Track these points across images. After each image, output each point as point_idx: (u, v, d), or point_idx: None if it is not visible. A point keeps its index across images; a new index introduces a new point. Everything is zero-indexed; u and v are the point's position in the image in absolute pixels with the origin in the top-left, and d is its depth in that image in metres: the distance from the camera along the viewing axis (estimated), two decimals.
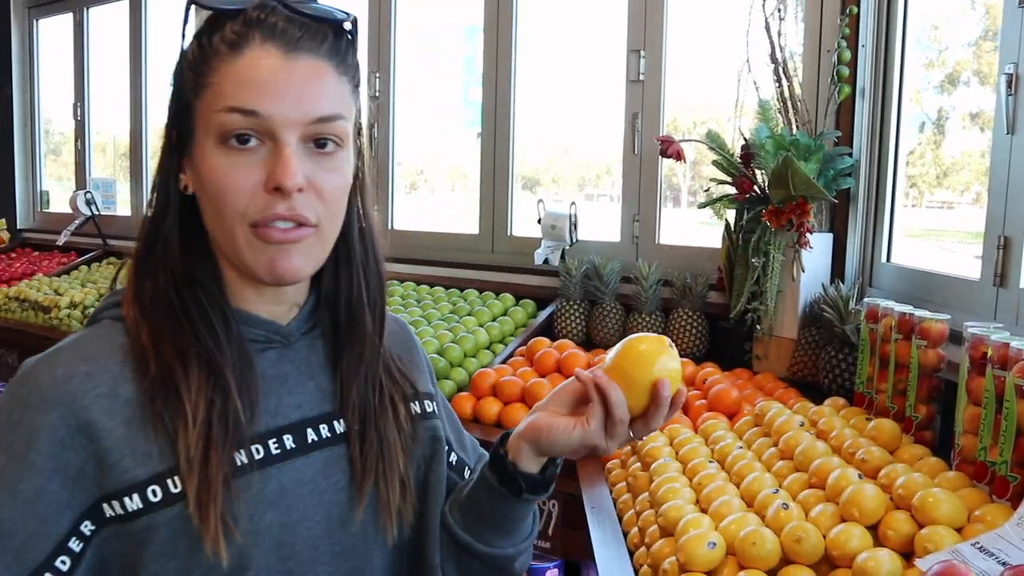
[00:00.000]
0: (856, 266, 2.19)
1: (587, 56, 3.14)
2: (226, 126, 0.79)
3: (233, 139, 0.79)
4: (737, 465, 1.48)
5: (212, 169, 0.80)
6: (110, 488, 0.77)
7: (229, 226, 0.81)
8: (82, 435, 0.77)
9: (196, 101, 0.82)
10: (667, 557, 1.28)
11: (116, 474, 0.77)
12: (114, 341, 0.83)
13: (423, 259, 3.16)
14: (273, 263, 0.82)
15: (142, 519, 0.78)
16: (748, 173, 2.16)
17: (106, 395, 0.79)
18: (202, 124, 0.81)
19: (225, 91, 0.79)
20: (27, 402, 0.78)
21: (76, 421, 0.77)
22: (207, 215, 0.84)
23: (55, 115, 5.06)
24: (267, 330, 0.90)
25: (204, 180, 0.81)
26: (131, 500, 0.78)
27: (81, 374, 0.79)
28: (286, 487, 0.85)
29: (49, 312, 3.46)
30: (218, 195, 0.80)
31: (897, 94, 2.13)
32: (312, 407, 0.90)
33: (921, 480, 1.21)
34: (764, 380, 2.05)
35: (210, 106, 0.80)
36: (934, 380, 1.51)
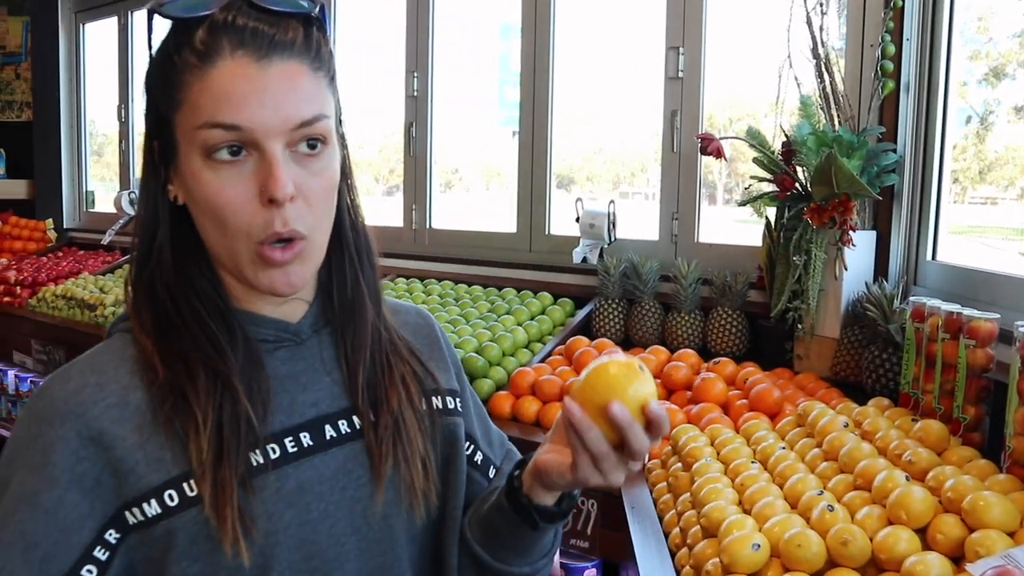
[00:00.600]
0: (900, 264, 2.16)
1: (624, 53, 3.12)
2: (209, 142, 0.78)
3: (219, 152, 0.78)
4: (780, 466, 1.46)
5: (204, 185, 0.80)
6: (129, 495, 0.79)
7: (231, 242, 0.81)
8: (95, 445, 0.79)
9: (174, 115, 0.81)
10: (710, 558, 1.27)
11: (132, 481, 0.79)
12: (123, 352, 0.85)
13: (461, 258, 3.17)
14: (273, 284, 0.83)
15: (161, 524, 0.79)
16: (789, 170, 2.13)
17: (116, 404, 0.80)
18: (184, 139, 0.81)
19: (202, 107, 0.78)
20: (42, 416, 0.80)
21: (88, 432, 0.79)
22: (205, 228, 0.83)
23: (99, 117, 5.17)
24: (276, 329, 0.90)
25: (197, 196, 0.81)
26: (149, 506, 0.79)
27: (91, 385, 0.81)
28: (304, 485, 0.85)
29: (95, 310, 3.54)
30: (216, 212, 0.80)
31: (943, 88, 2.09)
32: (329, 403, 0.90)
33: (971, 483, 1.19)
34: (806, 380, 2.03)
35: (190, 122, 0.79)
36: (983, 380, 1.48)
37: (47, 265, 4.32)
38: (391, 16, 3.46)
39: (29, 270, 4.24)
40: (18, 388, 3.72)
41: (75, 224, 5.10)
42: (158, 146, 0.84)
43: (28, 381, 3.71)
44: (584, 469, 0.83)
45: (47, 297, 3.85)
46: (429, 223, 3.38)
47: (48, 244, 4.90)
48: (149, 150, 0.85)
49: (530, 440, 2.06)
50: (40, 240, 4.92)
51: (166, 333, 0.84)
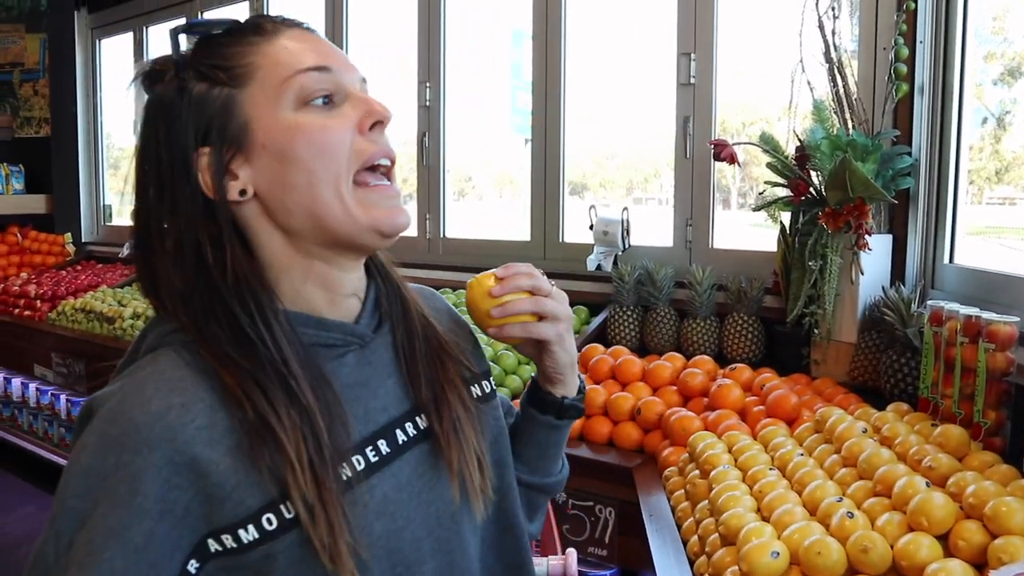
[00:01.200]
0: (917, 268, 2.14)
1: (635, 60, 3.13)
2: (307, 87, 0.81)
3: (318, 99, 0.82)
4: (799, 473, 1.45)
5: (304, 130, 0.80)
6: (222, 522, 0.75)
7: (334, 189, 0.81)
8: (189, 472, 0.74)
9: (244, 89, 0.82)
10: (729, 566, 1.26)
11: (229, 507, 0.75)
12: (193, 368, 0.78)
13: (475, 267, 3.17)
14: (393, 213, 0.84)
15: (259, 549, 0.76)
16: (803, 175, 2.13)
17: (206, 427, 0.75)
18: (262, 102, 0.81)
19: (283, 61, 0.82)
20: (122, 444, 0.73)
21: (181, 458, 0.74)
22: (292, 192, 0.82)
23: (116, 131, 5.22)
24: (343, 333, 0.87)
25: (296, 147, 0.81)
26: (246, 532, 0.75)
27: (176, 406, 0.75)
28: (388, 494, 0.84)
29: (113, 323, 3.57)
30: (320, 152, 0.81)
31: (958, 90, 2.07)
32: (396, 407, 0.89)
33: (993, 488, 1.17)
34: (823, 385, 2.02)
35: (273, 79, 0.81)
36: (1003, 384, 1.47)
37: (66, 279, 4.36)
38: (403, 27, 3.47)
39: (48, 284, 4.28)
40: (39, 401, 3.76)
41: (93, 238, 5.15)
42: (211, 150, 0.82)
43: (49, 394, 3.74)
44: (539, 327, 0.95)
45: (66, 311, 3.89)
46: (443, 232, 3.39)
47: (67, 258, 4.96)
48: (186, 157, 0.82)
49: None
50: (59, 254, 4.97)
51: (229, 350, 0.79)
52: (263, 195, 0.83)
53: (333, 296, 0.87)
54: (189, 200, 0.82)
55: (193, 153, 0.82)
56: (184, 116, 0.82)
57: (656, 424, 1.99)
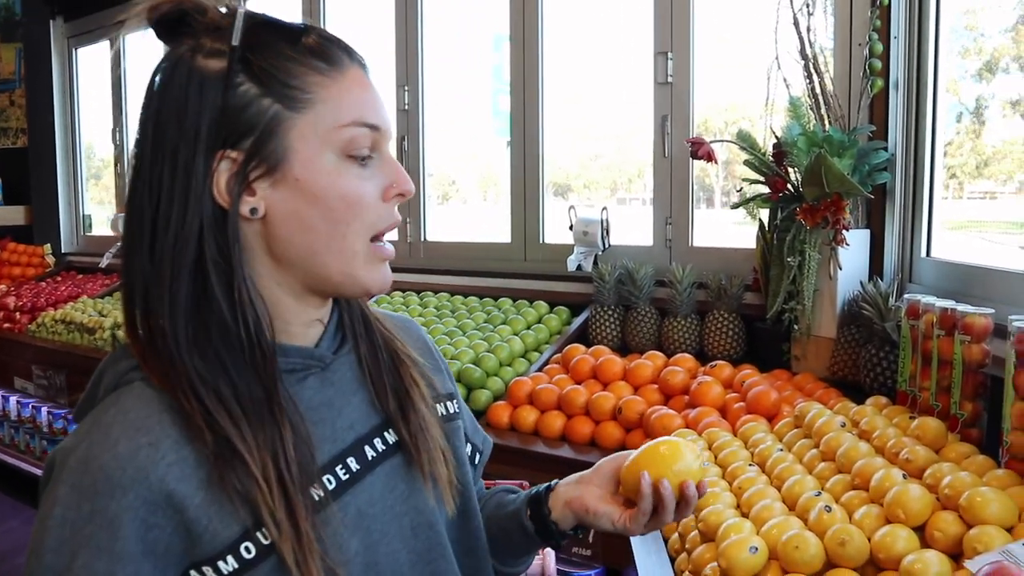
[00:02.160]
0: (895, 262, 2.15)
1: (614, 60, 3.13)
2: (356, 141, 0.81)
3: (363, 150, 0.81)
4: (778, 468, 1.45)
5: (343, 180, 0.80)
6: (201, 555, 0.75)
7: (351, 240, 0.81)
8: (165, 509, 0.73)
9: (291, 111, 0.79)
10: (709, 563, 1.26)
11: (207, 540, 0.75)
12: (156, 405, 0.77)
13: (456, 269, 3.17)
14: (384, 278, 0.86)
15: None
16: (781, 172, 2.13)
17: (176, 462, 0.75)
18: (308, 135, 0.79)
19: (343, 106, 0.80)
20: (95, 490, 0.72)
21: (155, 496, 0.73)
22: (306, 233, 0.80)
23: (95, 141, 5.19)
24: (302, 356, 0.87)
25: (323, 193, 0.80)
26: (225, 563, 0.75)
27: (145, 446, 0.74)
28: (362, 509, 0.85)
29: (94, 333, 3.54)
30: (345, 208, 0.80)
31: (932, 85, 2.09)
32: (363, 423, 0.89)
33: (969, 479, 1.18)
34: (803, 381, 2.02)
35: (327, 121, 0.80)
36: (979, 376, 1.47)
37: (46, 290, 4.33)
38: (380, 30, 3.46)
39: (28, 296, 4.24)
40: (20, 414, 3.71)
41: (73, 248, 5.11)
42: (241, 151, 0.78)
43: (30, 407, 3.70)
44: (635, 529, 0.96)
45: (46, 322, 3.86)
46: (424, 236, 3.38)
47: (46, 269, 4.91)
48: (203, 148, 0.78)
49: (528, 449, 2.05)
50: (38, 265, 4.93)
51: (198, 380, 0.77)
52: (272, 222, 0.81)
53: (294, 325, 0.87)
54: (197, 197, 0.78)
55: (218, 151, 0.78)
56: (221, 107, 0.78)
57: (638, 423, 1.99)
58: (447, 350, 2.51)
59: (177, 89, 0.78)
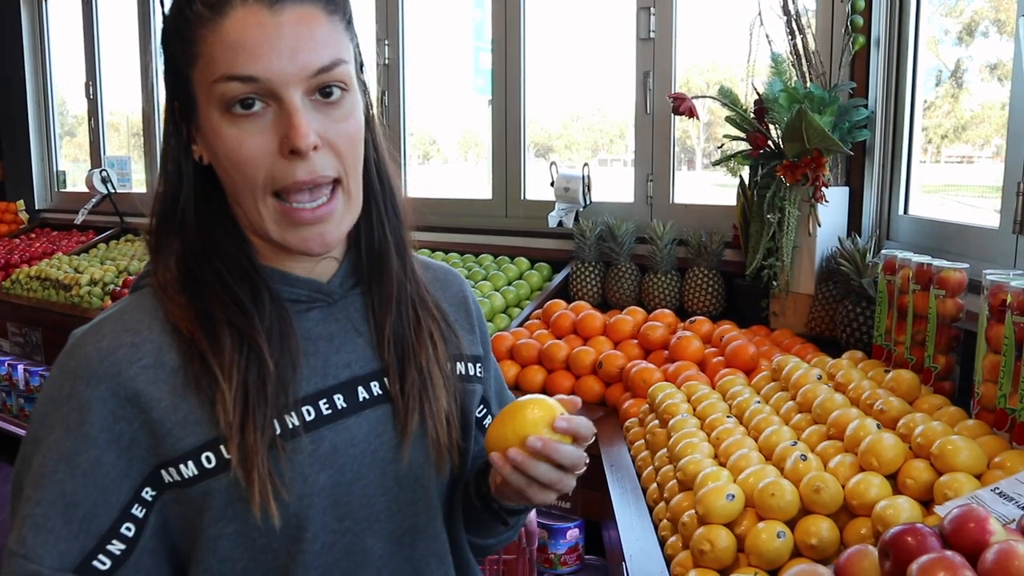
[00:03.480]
0: (873, 219, 2.17)
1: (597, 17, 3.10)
2: (227, 95, 0.76)
3: (237, 105, 0.76)
4: (755, 419, 1.48)
5: (223, 140, 0.78)
6: (166, 456, 0.78)
7: (252, 200, 0.80)
8: (132, 406, 0.77)
9: (190, 71, 0.79)
10: (686, 511, 1.28)
11: (169, 443, 0.78)
12: (155, 311, 0.82)
13: (437, 226, 3.16)
14: (306, 241, 0.81)
15: (199, 485, 0.79)
16: (762, 128, 2.13)
17: (151, 365, 0.79)
18: (202, 94, 0.79)
19: (217, 59, 0.76)
20: (76, 375, 0.78)
21: (124, 392, 0.77)
22: (227, 185, 0.82)
23: (69, 96, 5.07)
24: (309, 289, 0.88)
25: (217, 151, 0.79)
26: (186, 467, 0.79)
27: (126, 345, 0.79)
28: (338, 447, 0.84)
29: (70, 290, 3.50)
30: (235, 166, 0.78)
31: (913, 44, 2.09)
32: (362, 365, 0.88)
33: (940, 428, 1.20)
34: (781, 336, 2.05)
35: (206, 76, 0.77)
36: (953, 330, 1.50)
37: (20, 247, 4.26)
38: None
39: (1, 252, 4.18)
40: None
41: (47, 205, 5.03)
42: (179, 106, 0.82)
43: (6, 364, 3.67)
44: (538, 495, 0.87)
45: (21, 279, 3.81)
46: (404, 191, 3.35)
47: (20, 226, 4.83)
48: (171, 110, 0.83)
49: None
50: (12, 222, 4.84)
51: (191, 294, 0.82)
52: (215, 169, 0.82)
53: (297, 259, 0.87)
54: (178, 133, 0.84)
55: (174, 100, 0.83)
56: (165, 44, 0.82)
57: (617, 377, 2.01)
58: None
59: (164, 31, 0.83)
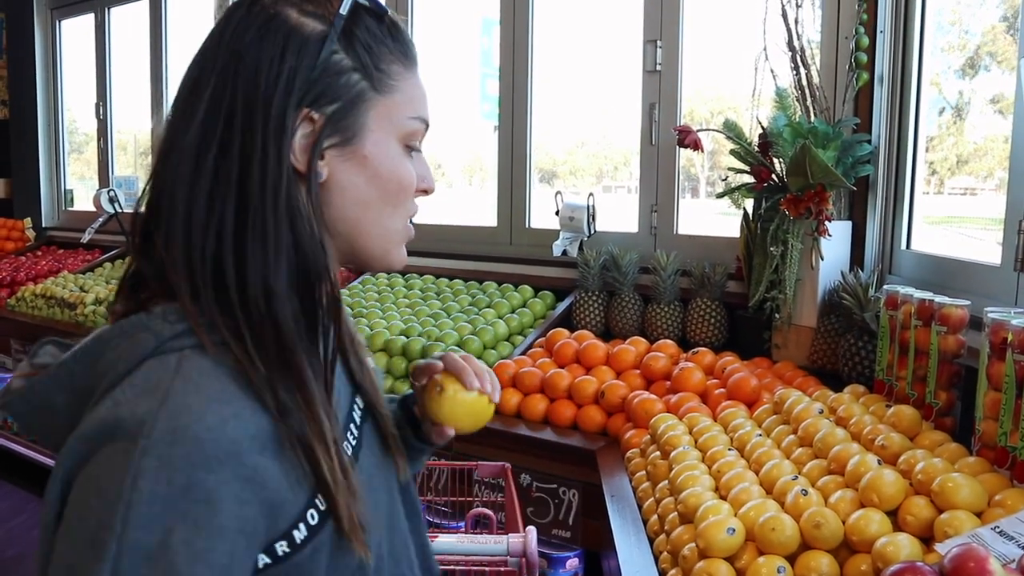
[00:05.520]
0: (875, 254, 2.18)
1: (604, 47, 3.14)
2: (416, 134, 0.86)
3: (416, 142, 0.87)
4: (756, 452, 1.48)
5: (399, 166, 0.84)
6: (278, 531, 0.72)
7: (396, 220, 0.85)
8: (253, 484, 0.69)
9: (376, 92, 0.82)
10: (687, 543, 1.28)
11: (284, 513, 0.72)
12: (219, 374, 0.73)
13: (441, 252, 3.18)
14: (405, 256, 0.89)
15: (308, 547, 0.74)
16: (766, 162, 2.15)
17: (255, 436, 0.71)
18: (383, 118, 0.82)
19: (415, 100, 0.85)
20: (192, 463, 0.67)
21: (245, 471, 0.69)
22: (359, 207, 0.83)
23: (79, 115, 5.13)
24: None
25: (384, 175, 0.83)
26: (298, 531, 0.73)
27: (231, 418, 0.70)
28: (366, 471, 0.87)
29: (75, 309, 3.52)
30: (398, 191, 0.84)
31: (916, 80, 2.12)
32: (344, 392, 0.90)
33: (941, 465, 1.21)
34: (783, 369, 2.05)
35: (400, 109, 0.84)
36: (954, 366, 1.51)
37: (26, 265, 4.29)
38: None
39: (7, 270, 4.21)
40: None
41: (54, 223, 5.06)
42: (323, 115, 0.79)
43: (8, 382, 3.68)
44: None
45: (26, 297, 3.83)
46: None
47: (27, 244, 4.87)
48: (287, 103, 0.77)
49: (511, 431, 2.07)
50: (18, 239, 4.88)
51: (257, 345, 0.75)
52: (330, 189, 0.81)
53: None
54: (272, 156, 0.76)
55: (297, 110, 0.77)
56: (311, 65, 0.78)
57: (619, 407, 2.01)
58: (431, 332, 2.52)
59: (274, 44, 0.77)
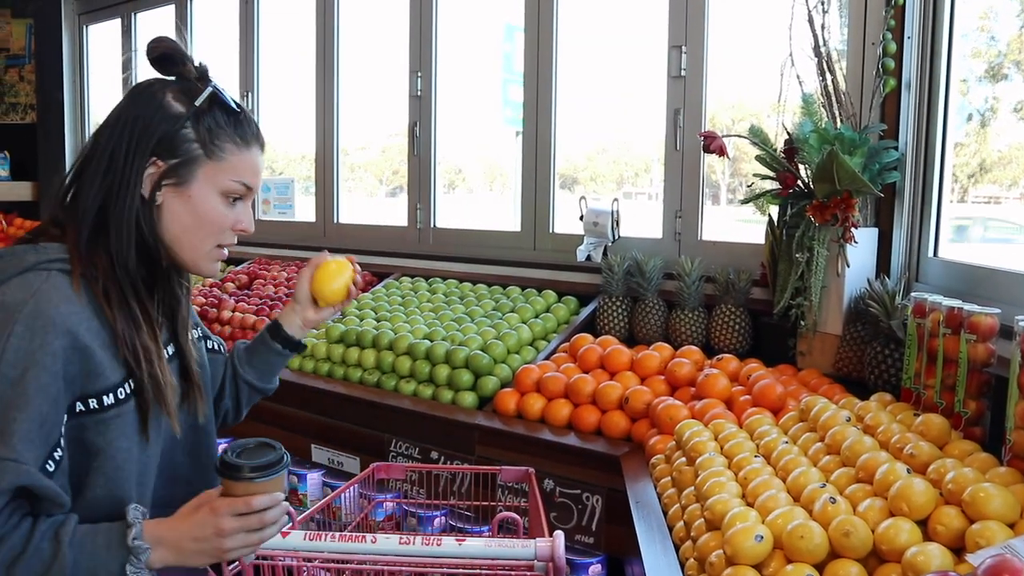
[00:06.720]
0: (902, 261, 2.17)
1: (627, 53, 3.14)
2: (233, 191, 1.27)
3: (234, 196, 1.28)
4: (783, 460, 1.48)
5: (211, 210, 1.25)
6: (91, 390, 1.16)
7: (201, 244, 1.27)
8: (81, 354, 1.14)
9: (207, 158, 1.23)
10: (714, 550, 1.28)
11: (99, 381, 1.16)
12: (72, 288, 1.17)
13: (465, 256, 3.19)
14: (215, 269, 1.33)
15: (113, 410, 1.18)
16: (791, 168, 2.15)
17: (89, 328, 1.16)
18: (209, 176, 1.24)
19: (237, 168, 1.26)
20: (45, 330, 1.11)
21: (78, 344, 1.14)
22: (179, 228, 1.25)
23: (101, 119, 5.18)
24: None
25: (199, 213, 1.25)
26: (107, 397, 1.18)
27: (77, 310, 1.15)
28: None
29: None
30: (208, 225, 1.26)
31: (944, 86, 2.10)
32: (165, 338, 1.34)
33: (972, 475, 1.20)
34: (808, 376, 2.05)
35: (223, 171, 1.25)
36: (984, 375, 1.49)
37: None
38: (394, 16, 3.47)
39: None
40: None
41: None
42: (165, 165, 1.22)
43: None
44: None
45: None
46: (433, 222, 3.40)
47: None
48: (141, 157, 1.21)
49: (535, 436, 2.08)
50: None
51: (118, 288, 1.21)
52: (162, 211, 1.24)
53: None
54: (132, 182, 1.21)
55: (151, 156, 1.21)
56: (169, 132, 1.22)
57: (644, 413, 2.01)
58: (455, 336, 2.53)
59: (147, 107, 1.23)
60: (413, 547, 1.28)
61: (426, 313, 2.85)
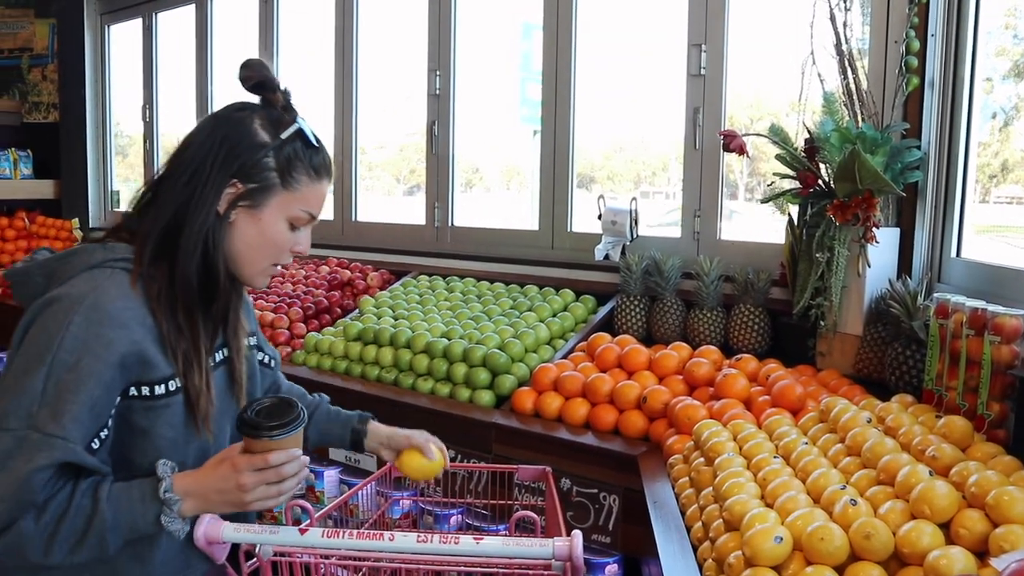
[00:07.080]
0: (924, 261, 2.15)
1: (645, 51, 3.13)
2: (300, 220, 1.37)
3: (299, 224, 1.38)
4: (803, 461, 1.46)
5: (278, 233, 1.35)
6: (145, 378, 1.25)
7: (262, 262, 1.37)
8: (135, 347, 1.23)
9: (282, 187, 1.33)
10: (732, 552, 1.27)
11: (152, 371, 1.26)
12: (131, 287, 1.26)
13: (483, 255, 3.19)
14: (265, 283, 1.42)
15: (162, 400, 1.28)
16: (812, 167, 2.13)
17: (145, 324, 1.26)
18: (281, 203, 1.33)
19: (308, 200, 1.36)
20: (101, 323, 1.21)
21: (133, 337, 1.23)
22: (244, 245, 1.34)
23: (124, 117, 5.24)
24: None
25: (266, 235, 1.34)
26: (159, 387, 1.27)
27: (133, 307, 1.25)
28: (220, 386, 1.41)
29: None
30: (272, 247, 1.36)
31: (968, 84, 2.08)
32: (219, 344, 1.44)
33: (995, 478, 1.18)
34: (828, 377, 2.03)
35: (295, 201, 1.34)
36: (1008, 377, 1.48)
37: None
38: (413, 15, 3.48)
39: None
40: None
41: (100, 223, 5.17)
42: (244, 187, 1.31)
43: None
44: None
45: None
46: (451, 221, 3.40)
47: (74, 243, 4.97)
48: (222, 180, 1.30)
49: (552, 435, 2.07)
50: (66, 239, 4.99)
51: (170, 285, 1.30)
52: (232, 228, 1.33)
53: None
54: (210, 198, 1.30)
55: (232, 178, 1.30)
56: (251, 159, 1.30)
57: (662, 413, 2.00)
58: (472, 335, 2.53)
59: (235, 131, 1.31)
60: (431, 545, 1.28)
61: (444, 311, 2.85)
